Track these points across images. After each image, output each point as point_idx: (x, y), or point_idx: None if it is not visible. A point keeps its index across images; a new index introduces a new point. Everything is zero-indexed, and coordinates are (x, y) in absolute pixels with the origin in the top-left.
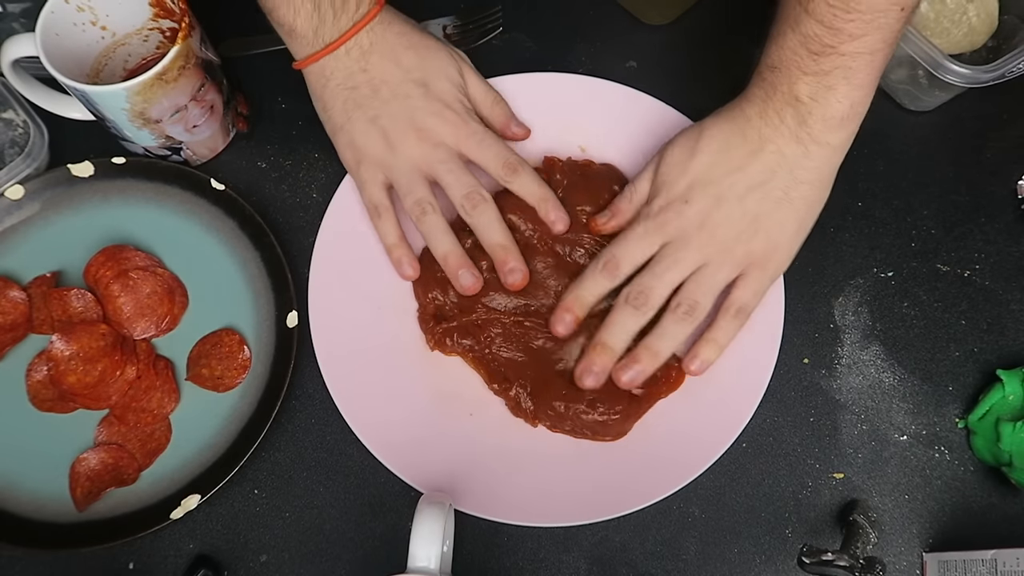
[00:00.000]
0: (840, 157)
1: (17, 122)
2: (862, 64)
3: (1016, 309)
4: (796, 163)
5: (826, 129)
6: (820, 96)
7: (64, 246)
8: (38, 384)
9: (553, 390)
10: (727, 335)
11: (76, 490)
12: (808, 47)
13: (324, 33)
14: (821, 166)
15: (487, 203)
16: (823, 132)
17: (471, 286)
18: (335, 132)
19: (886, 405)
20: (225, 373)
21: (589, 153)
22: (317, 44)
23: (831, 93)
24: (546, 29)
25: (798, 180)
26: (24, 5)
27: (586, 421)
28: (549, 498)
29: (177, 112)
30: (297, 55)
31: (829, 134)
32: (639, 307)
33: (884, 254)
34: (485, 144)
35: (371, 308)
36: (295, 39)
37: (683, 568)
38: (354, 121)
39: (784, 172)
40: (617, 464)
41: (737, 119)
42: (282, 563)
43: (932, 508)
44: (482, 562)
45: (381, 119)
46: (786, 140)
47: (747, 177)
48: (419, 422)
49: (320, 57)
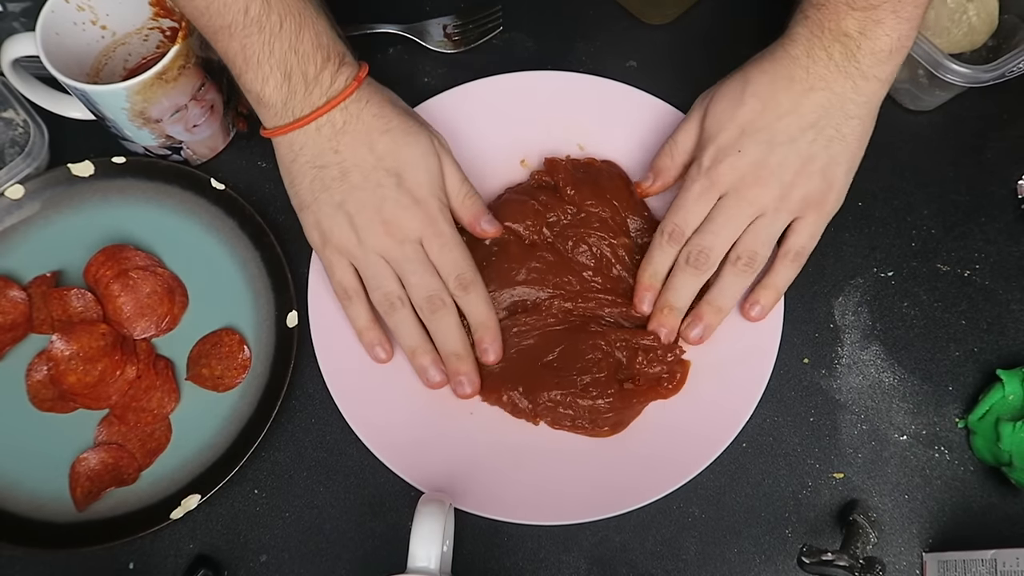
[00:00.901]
0: (886, 90)
1: (17, 121)
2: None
3: (1016, 309)
4: (846, 99)
5: (875, 63)
6: (868, 30)
7: (64, 246)
8: (38, 384)
9: (545, 383)
10: (786, 280)
11: (76, 490)
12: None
13: (294, 106)
14: (871, 99)
15: (447, 308)
16: (872, 66)
17: (438, 383)
18: (300, 209)
19: (886, 405)
20: (225, 373)
21: (588, 151)
22: (286, 116)
23: (879, 27)
24: (546, 28)
25: (848, 116)
26: (24, 4)
27: (582, 406)
28: (549, 496)
29: (177, 112)
30: (265, 123)
31: (877, 67)
32: (700, 267)
33: (884, 254)
34: (446, 250)
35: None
36: (263, 108)
37: (683, 568)
38: (320, 203)
39: (836, 110)
40: (617, 462)
41: (782, 60)
42: (282, 563)
43: (932, 508)
44: (482, 562)
45: (348, 205)
46: (835, 77)
47: (799, 119)
48: (419, 421)
49: (288, 131)
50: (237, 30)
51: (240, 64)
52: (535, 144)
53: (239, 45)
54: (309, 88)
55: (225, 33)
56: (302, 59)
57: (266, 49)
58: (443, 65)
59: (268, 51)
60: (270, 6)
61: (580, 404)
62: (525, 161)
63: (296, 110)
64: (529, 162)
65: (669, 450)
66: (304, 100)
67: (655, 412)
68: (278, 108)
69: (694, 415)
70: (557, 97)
